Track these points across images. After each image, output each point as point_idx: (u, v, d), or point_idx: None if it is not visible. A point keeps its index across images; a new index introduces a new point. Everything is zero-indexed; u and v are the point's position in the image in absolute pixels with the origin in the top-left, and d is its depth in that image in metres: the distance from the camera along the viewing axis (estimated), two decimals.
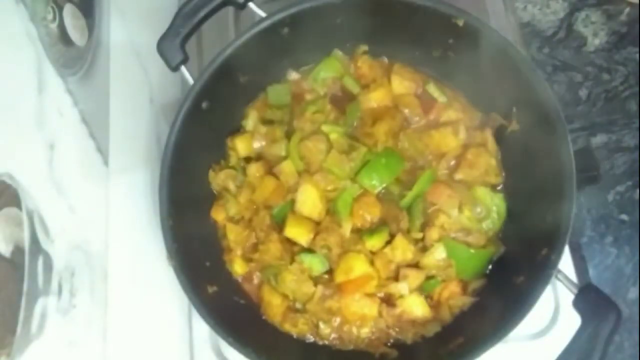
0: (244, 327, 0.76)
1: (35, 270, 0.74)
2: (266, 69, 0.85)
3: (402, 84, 0.85)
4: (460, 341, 0.73)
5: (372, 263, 0.77)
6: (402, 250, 0.76)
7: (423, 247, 0.78)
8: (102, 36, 0.99)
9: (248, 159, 0.85)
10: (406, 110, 0.83)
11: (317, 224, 0.79)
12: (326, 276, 0.79)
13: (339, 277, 0.77)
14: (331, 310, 0.78)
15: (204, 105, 0.79)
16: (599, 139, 0.97)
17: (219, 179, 0.85)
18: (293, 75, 0.88)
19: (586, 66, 1.00)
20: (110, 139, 0.94)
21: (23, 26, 0.80)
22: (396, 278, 0.77)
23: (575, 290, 0.67)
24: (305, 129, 0.82)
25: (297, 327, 0.79)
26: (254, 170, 0.83)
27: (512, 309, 0.69)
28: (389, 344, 0.78)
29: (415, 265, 0.77)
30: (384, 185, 0.79)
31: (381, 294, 0.78)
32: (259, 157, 0.84)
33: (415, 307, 0.77)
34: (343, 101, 0.85)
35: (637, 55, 1.00)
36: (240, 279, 0.83)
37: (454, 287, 0.78)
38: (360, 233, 0.78)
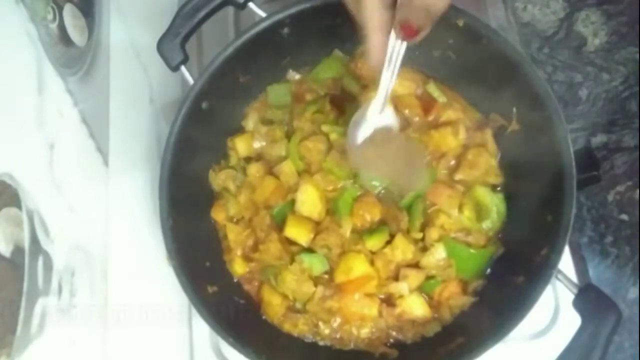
0: (244, 327, 0.76)
1: (35, 270, 0.74)
2: (266, 69, 0.85)
3: (402, 84, 0.85)
4: (460, 341, 0.73)
5: (372, 263, 0.77)
6: (402, 250, 0.76)
7: (423, 247, 0.78)
8: (102, 36, 0.99)
9: (248, 159, 0.85)
10: (406, 111, 0.83)
11: (317, 224, 0.79)
12: (326, 276, 0.79)
13: (339, 277, 0.77)
14: (331, 310, 0.78)
15: (204, 105, 0.79)
16: (599, 139, 0.97)
17: (219, 179, 0.85)
18: (293, 75, 0.88)
19: (586, 66, 1.01)
20: (110, 139, 0.94)
21: (23, 26, 0.80)
22: (396, 278, 0.77)
23: (575, 290, 0.67)
24: (305, 129, 0.82)
25: (297, 327, 0.79)
26: (254, 170, 0.83)
27: (512, 309, 0.68)
28: (389, 344, 0.78)
29: (415, 265, 0.77)
30: (384, 185, 0.79)
31: (381, 294, 0.78)
32: (259, 157, 0.84)
33: (415, 307, 0.77)
34: (343, 101, 0.85)
35: (637, 55, 1.00)
36: (240, 279, 0.83)
37: (454, 287, 0.78)
38: (360, 233, 0.78)
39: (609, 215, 0.94)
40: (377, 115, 0.68)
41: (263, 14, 0.78)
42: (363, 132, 0.70)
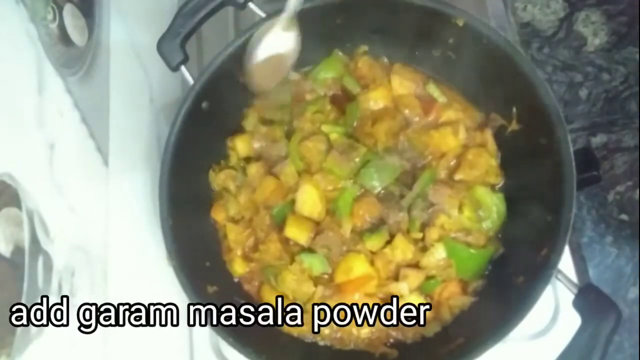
0: (244, 327, 0.76)
1: (35, 270, 0.74)
2: None
3: (402, 84, 0.85)
4: (460, 341, 0.73)
5: (372, 263, 0.77)
6: (402, 250, 0.76)
7: (423, 247, 0.78)
8: (102, 36, 0.99)
9: (248, 159, 0.85)
10: (406, 111, 0.83)
11: (317, 224, 0.79)
12: (326, 276, 0.79)
13: (339, 277, 0.77)
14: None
15: (204, 105, 0.79)
16: (599, 139, 0.97)
17: (219, 179, 0.85)
18: (293, 75, 0.88)
19: (586, 66, 1.00)
20: (110, 139, 0.94)
21: (23, 26, 0.80)
22: (396, 278, 0.77)
23: (575, 290, 0.67)
24: (305, 129, 0.82)
25: (297, 327, 0.79)
26: (254, 170, 0.83)
27: (512, 309, 0.69)
28: (389, 344, 0.78)
29: (415, 265, 0.77)
30: (384, 185, 0.79)
31: (381, 294, 0.78)
32: (259, 157, 0.84)
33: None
34: (343, 101, 0.85)
35: (637, 55, 1.00)
36: (240, 279, 0.83)
37: (454, 287, 0.78)
38: (360, 233, 0.78)
39: (609, 215, 0.94)
40: (278, 36, 0.74)
41: (263, 14, 0.78)
42: (261, 52, 0.75)
